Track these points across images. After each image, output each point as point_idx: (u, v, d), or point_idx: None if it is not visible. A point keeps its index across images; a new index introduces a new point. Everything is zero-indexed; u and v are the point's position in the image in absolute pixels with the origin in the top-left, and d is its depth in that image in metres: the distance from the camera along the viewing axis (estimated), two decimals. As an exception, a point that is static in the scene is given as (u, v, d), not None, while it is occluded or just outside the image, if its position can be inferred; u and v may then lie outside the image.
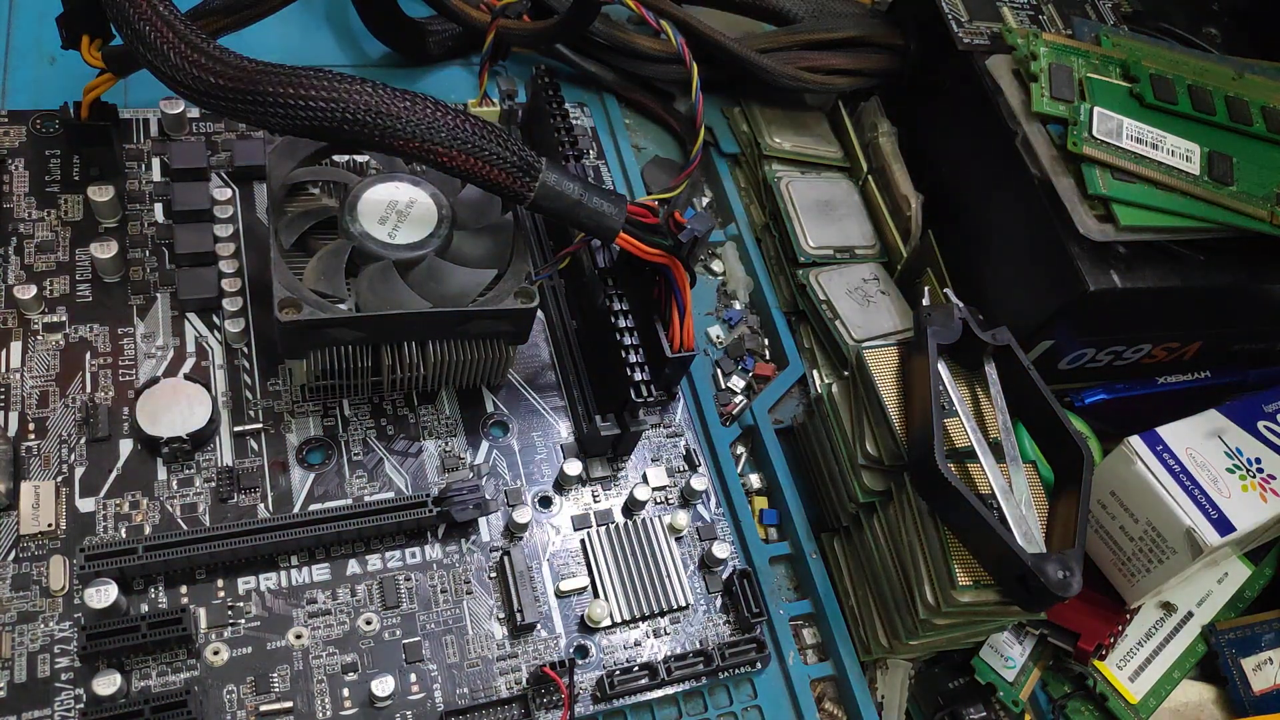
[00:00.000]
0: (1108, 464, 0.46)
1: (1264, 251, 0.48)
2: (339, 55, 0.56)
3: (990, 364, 0.44)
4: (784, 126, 0.59)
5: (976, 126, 0.52)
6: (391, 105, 0.35)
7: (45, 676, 0.35)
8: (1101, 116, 0.47)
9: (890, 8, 0.61)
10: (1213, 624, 0.49)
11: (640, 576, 0.43)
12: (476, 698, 0.39)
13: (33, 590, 0.36)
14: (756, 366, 0.53)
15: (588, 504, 0.45)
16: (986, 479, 0.40)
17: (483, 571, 0.41)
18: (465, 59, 0.58)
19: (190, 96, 0.35)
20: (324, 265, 0.40)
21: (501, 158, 0.37)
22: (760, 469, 0.50)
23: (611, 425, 0.43)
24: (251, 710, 0.36)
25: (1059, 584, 0.37)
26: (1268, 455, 0.47)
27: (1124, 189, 0.46)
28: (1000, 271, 0.51)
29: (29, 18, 0.51)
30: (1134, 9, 0.59)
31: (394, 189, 0.42)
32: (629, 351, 0.42)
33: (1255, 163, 0.48)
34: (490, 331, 0.42)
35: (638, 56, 0.57)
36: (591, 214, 0.39)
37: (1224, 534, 0.43)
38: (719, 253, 0.57)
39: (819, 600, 0.46)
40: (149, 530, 0.38)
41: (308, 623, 0.38)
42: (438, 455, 0.44)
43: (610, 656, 0.41)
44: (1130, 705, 0.46)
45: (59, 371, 0.41)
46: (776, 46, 0.57)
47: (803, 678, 0.44)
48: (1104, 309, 0.46)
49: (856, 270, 0.54)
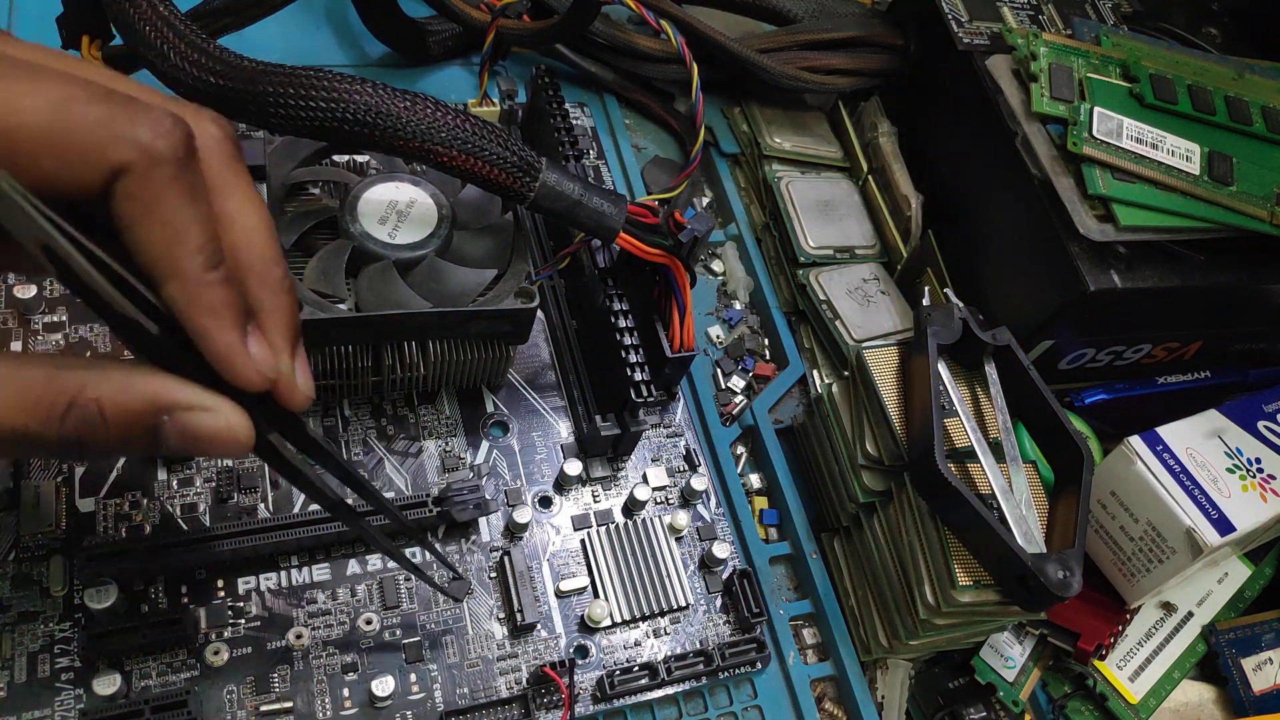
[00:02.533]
0: (1108, 464, 0.46)
1: (1264, 251, 0.48)
2: (339, 55, 0.56)
3: (990, 364, 0.44)
4: (784, 126, 0.59)
5: (976, 126, 0.52)
6: (391, 105, 0.35)
7: (45, 676, 0.35)
8: (1101, 116, 0.47)
9: (890, 8, 0.61)
10: (1213, 624, 0.49)
11: (640, 576, 0.43)
12: (476, 698, 0.39)
13: (33, 590, 0.36)
14: (756, 366, 0.53)
15: (588, 504, 0.45)
16: (986, 479, 0.40)
17: (483, 571, 0.41)
18: (465, 59, 0.58)
19: (190, 96, 0.35)
20: (324, 265, 0.40)
21: (502, 158, 0.37)
22: (760, 469, 0.50)
23: (611, 425, 0.43)
24: (251, 710, 0.36)
25: (1059, 584, 0.37)
26: (1268, 455, 0.47)
27: (1124, 189, 0.46)
28: (1000, 271, 0.51)
29: (29, 18, 0.51)
30: (1134, 9, 0.59)
31: (394, 189, 0.42)
32: (629, 351, 0.42)
33: (1255, 163, 0.48)
34: (490, 331, 0.42)
35: (638, 56, 0.57)
36: (591, 214, 0.39)
37: (1224, 534, 0.43)
38: (719, 253, 0.57)
39: (819, 600, 0.46)
40: (149, 530, 0.38)
41: (308, 623, 0.38)
42: (438, 455, 0.44)
43: (610, 656, 0.41)
44: (1130, 705, 0.46)
45: (59, 371, 0.41)
46: (776, 46, 0.57)
47: (803, 678, 0.44)
48: (1104, 309, 0.46)
49: (856, 270, 0.54)
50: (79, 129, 0.23)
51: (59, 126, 0.23)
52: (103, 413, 0.25)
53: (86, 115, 0.23)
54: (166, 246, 0.25)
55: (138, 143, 0.23)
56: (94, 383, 0.24)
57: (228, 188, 0.28)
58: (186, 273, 0.25)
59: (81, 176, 0.23)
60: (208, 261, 0.25)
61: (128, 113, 0.24)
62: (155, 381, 0.25)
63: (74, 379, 0.24)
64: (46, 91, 0.23)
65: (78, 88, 0.24)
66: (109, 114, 0.23)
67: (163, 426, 0.25)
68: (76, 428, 0.24)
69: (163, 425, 0.25)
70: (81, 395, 0.24)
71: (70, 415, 0.24)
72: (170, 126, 0.24)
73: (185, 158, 0.25)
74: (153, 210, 0.24)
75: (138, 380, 0.25)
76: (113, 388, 0.25)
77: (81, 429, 0.24)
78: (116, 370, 0.25)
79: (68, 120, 0.23)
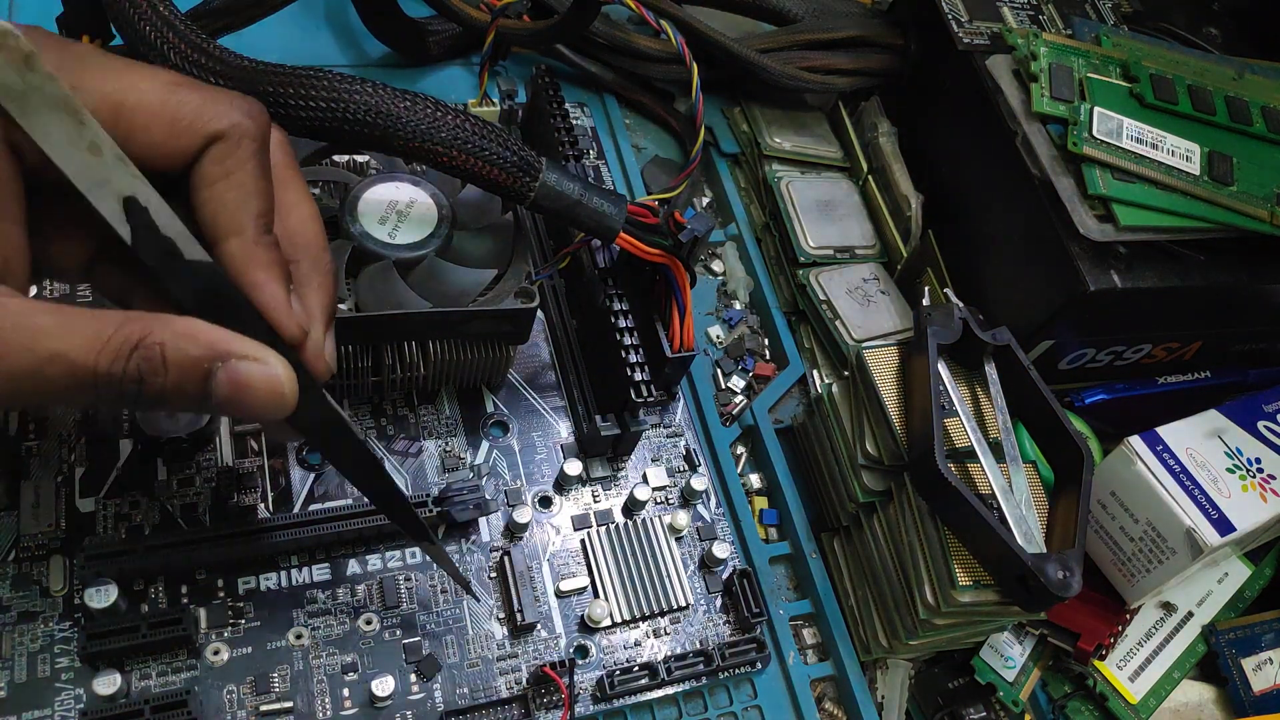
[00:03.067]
0: (1108, 464, 0.46)
1: (1264, 251, 0.48)
2: (339, 55, 0.56)
3: (990, 364, 0.44)
4: (784, 126, 0.59)
5: (976, 126, 0.52)
6: (392, 105, 0.35)
7: (45, 676, 0.35)
8: (1101, 116, 0.47)
9: (890, 8, 0.61)
10: (1213, 624, 0.49)
11: (640, 576, 0.43)
12: (476, 698, 0.39)
13: (33, 590, 0.36)
14: (756, 366, 0.53)
15: (588, 504, 0.45)
16: (986, 479, 0.40)
17: (483, 571, 0.41)
18: (465, 59, 0.58)
19: (190, 96, 0.35)
20: (324, 265, 0.40)
21: (502, 158, 0.37)
22: (760, 469, 0.50)
23: (611, 425, 0.43)
24: (251, 710, 0.36)
25: (1059, 584, 0.37)
26: (1268, 455, 0.47)
27: (1124, 189, 0.46)
28: (1000, 271, 0.51)
29: (29, 17, 0.51)
30: (1134, 9, 0.59)
31: (394, 189, 0.42)
32: (629, 351, 0.42)
33: (1255, 163, 0.48)
34: (490, 331, 0.42)
35: (638, 56, 0.57)
36: (591, 214, 0.39)
37: (1224, 534, 0.43)
38: (719, 253, 0.57)
39: (819, 600, 0.46)
40: (149, 530, 0.38)
41: (308, 623, 0.38)
42: (438, 455, 0.44)
43: (610, 656, 0.41)
44: (1130, 705, 0.46)
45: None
46: (776, 46, 0.57)
47: (803, 678, 0.44)
48: (1104, 309, 0.46)
49: (856, 270, 0.54)
50: (187, 105, 0.28)
51: (170, 103, 0.28)
52: (164, 355, 0.27)
53: (192, 96, 0.28)
54: (236, 207, 0.29)
55: (233, 118, 0.29)
56: (158, 328, 0.27)
57: (289, 180, 0.32)
58: (247, 231, 0.29)
59: (185, 143, 0.28)
60: (266, 226, 0.29)
61: (226, 95, 0.29)
62: (214, 331, 0.28)
63: (141, 324, 0.27)
64: (158, 77, 0.29)
65: (180, 76, 0.29)
66: (211, 96, 0.29)
67: (216, 373, 0.28)
68: (139, 367, 0.27)
69: (216, 372, 0.28)
70: (148, 338, 0.27)
71: (135, 355, 0.26)
72: (259, 111, 0.30)
73: (265, 139, 0.30)
74: (233, 174, 0.29)
75: (198, 328, 0.28)
76: (175, 332, 0.27)
77: (144, 368, 0.27)
78: (180, 320, 0.27)
79: (178, 98, 0.28)
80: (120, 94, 0.27)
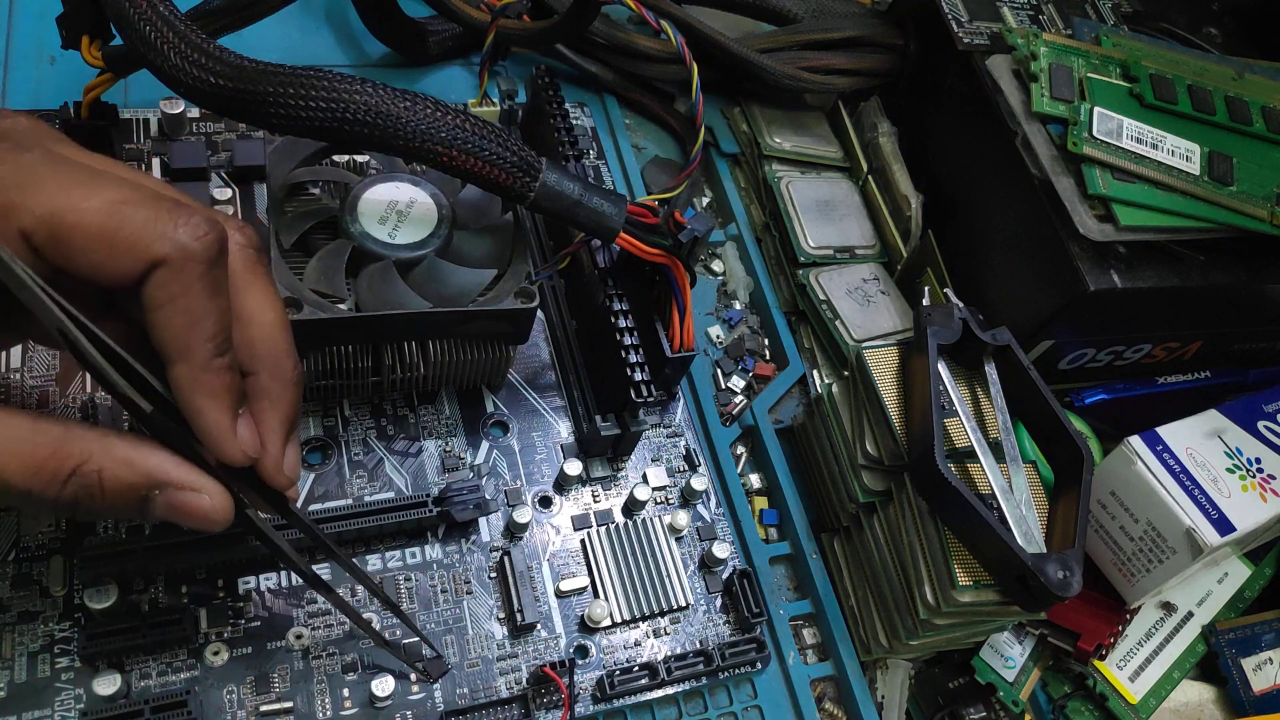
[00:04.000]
0: (1108, 464, 0.46)
1: (1264, 251, 0.48)
2: (339, 55, 0.56)
3: (990, 364, 0.44)
4: (784, 126, 0.59)
5: (976, 126, 0.52)
6: (392, 105, 0.35)
7: (45, 676, 0.35)
8: (1101, 116, 0.47)
9: (890, 8, 0.61)
10: (1213, 624, 0.49)
11: (640, 576, 0.43)
12: (476, 698, 0.39)
13: (33, 590, 0.36)
14: (756, 366, 0.53)
15: (588, 504, 0.45)
16: (986, 479, 0.40)
17: (483, 571, 0.41)
18: (465, 59, 0.58)
19: (190, 96, 0.35)
20: (324, 265, 0.40)
21: (502, 158, 0.37)
22: (760, 469, 0.50)
23: (611, 425, 0.43)
24: (251, 710, 0.36)
25: (1059, 584, 0.37)
26: (1268, 455, 0.47)
27: (1124, 189, 0.46)
28: (1000, 271, 0.51)
29: (29, 18, 0.51)
30: (1134, 9, 0.59)
31: (394, 189, 0.42)
32: (629, 351, 0.42)
33: (1255, 163, 0.48)
34: (490, 331, 0.42)
35: (638, 56, 0.57)
36: (591, 214, 0.39)
37: (1224, 534, 0.43)
38: (719, 253, 0.57)
39: (819, 600, 0.46)
40: (149, 530, 0.38)
41: (308, 623, 0.38)
42: (438, 455, 0.44)
43: (610, 656, 0.41)
44: (1130, 705, 0.46)
45: (59, 371, 0.41)
46: (776, 46, 0.57)
47: (803, 678, 0.44)
48: (1104, 309, 0.46)
49: (856, 270, 0.54)
50: (129, 227, 0.27)
51: (112, 224, 0.27)
52: (101, 483, 0.27)
53: (135, 215, 0.27)
54: (183, 331, 0.28)
55: (177, 242, 0.27)
56: (98, 454, 0.27)
57: (250, 288, 0.32)
58: (195, 356, 0.28)
59: (125, 266, 0.27)
60: (217, 349, 0.28)
61: (171, 215, 0.27)
62: (154, 458, 0.28)
63: (80, 445, 0.27)
64: (104, 194, 0.27)
65: (130, 190, 0.27)
66: (155, 215, 0.27)
67: (153, 499, 0.28)
68: (75, 493, 0.27)
69: (153, 498, 0.28)
70: (85, 465, 0.27)
71: (71, 481, 0.27)
72: (206, 230, 0.28)
73: (215, 258, 0.28)
74: (178, 299, 0.27)
75: (137, 456, 0.28)
76: (114, 458, 0.27)
77: (80, 494, 0.27)
78: (120, 443, 0.28)
79: (120, 219, 0.27)
80: (60, 215, 0.26)
